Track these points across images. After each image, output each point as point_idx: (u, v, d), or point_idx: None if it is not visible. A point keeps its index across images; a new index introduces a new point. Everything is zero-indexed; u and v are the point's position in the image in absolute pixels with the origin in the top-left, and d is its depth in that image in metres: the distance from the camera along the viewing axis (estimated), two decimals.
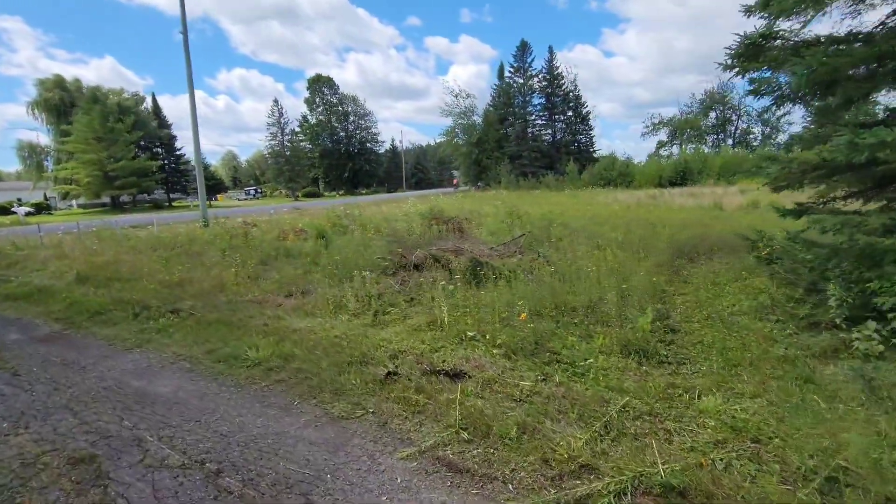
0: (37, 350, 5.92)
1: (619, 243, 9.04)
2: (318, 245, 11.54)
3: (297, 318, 6.46)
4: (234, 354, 5.28)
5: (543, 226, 12.47)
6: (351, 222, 14.99)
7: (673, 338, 5.10)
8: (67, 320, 7.17)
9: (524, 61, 57.45)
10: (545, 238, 10.09)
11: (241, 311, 6.94)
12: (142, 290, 8.32)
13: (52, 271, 10.46)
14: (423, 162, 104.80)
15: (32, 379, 4.86)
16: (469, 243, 9.32)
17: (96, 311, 7.34)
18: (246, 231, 13.88)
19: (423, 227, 12.69)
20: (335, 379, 4.50)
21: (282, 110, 69.66)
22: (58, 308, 7.77)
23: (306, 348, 5.27)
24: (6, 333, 6.71)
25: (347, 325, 6.04)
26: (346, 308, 6.70)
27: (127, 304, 7.55)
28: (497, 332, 5.11)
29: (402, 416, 3.84)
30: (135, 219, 28.54)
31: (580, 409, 3.65)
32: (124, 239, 15.06)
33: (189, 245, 13.08)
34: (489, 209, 18.00)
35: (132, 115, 51.97)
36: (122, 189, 50.61)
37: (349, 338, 5.51)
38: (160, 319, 6.80)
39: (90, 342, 6.18)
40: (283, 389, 4.48)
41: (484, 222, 13.81)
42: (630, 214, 16.06)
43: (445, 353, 4.84)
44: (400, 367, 4.60)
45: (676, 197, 27.43)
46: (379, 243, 11.02)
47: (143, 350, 5.76)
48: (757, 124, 56.22)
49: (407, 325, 5.87)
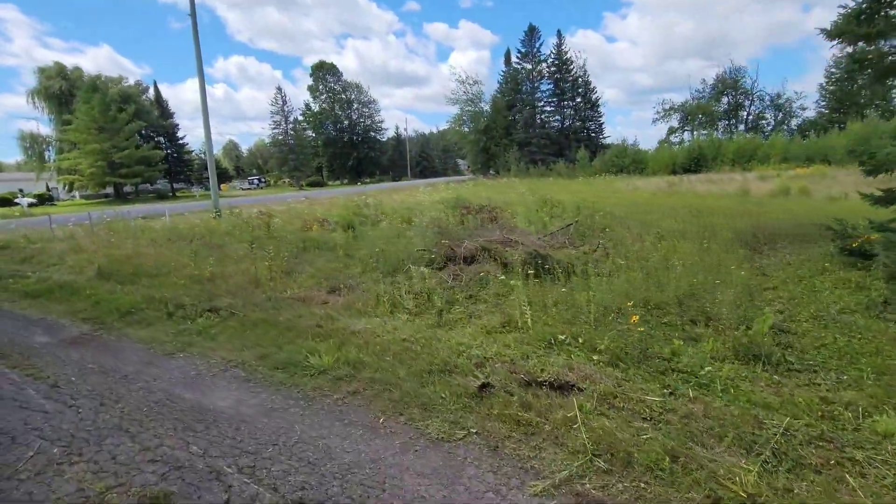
0: (69, 355, 5.37)
1: (677, 233, 8.45)
2: (348, 236, 10.97)
3: (351, 318, 5.90)
4: (292, 360, 4.73)
5: (583, 214, 11.89)
6: (375, 212, 14.40)
7: (788, 340, 4.53)
8: (96, 320, 6.62)
9: (532, 46, 56.32)
10: (592, 227, 9.51)
11: (286, 309, 6.39)
12: (171, 287, 7.76)
13: (70, 266, 9.90)
14: (427, 150, 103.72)
15: (74, 391, 4.32)
16: (515, 234, 8.74)
17: (127, 311, 6.79)
18: (267, 222, 13.28)
19: (456, 217, 12.09)
20: (419, 391, 3.96)
21: (285, 98, 68.66)
22: (83, 307, 7.23)
23: (374, 354, 4.72)
24: (32, 335, 6.17)
25: (410, 326, 5.48)
26: (403, 306, 6.14)
27: (158, 302, 7.00)
28: (592, 335, 4.55)
29: (514, 439, 3.30)
30: (144, 209, 27.93)
31: (732, 431, 3.10)
32: (139, 231, 14.48)
33: (210, 237, 12.50)
34: (514, 197, 17.37)
35: (134, 104, 51.06)
36: (125, 179, 49.93)
37: (419, 341, 4.95)
38: (198, 319, 6.25)
39: (126, 346, 5.64)
40: (360, 404, 3.93)
41: (515, 211, 13.20)
42: (662, 202, 15.45)
43: (538, 361, 4.28)
44: (491, 377, 4.05)
45: (696, 184, 26.76)
46: (412, 234, 10.45)
47: (186, 355, 5.21)
48: (770, 110, 55.26)
49: (477, 325, 5.32)
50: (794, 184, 20.99)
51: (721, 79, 55.87)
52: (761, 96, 55.12)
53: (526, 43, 56.73)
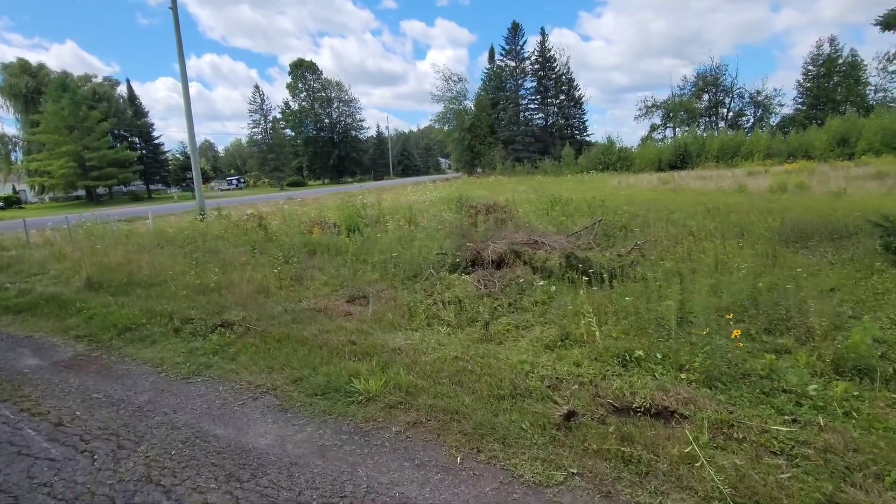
0: (67, 382, 4.70)
1: (708, 232, 8.10)
2: (354, 240, 10.36)
3: (385, 332, 5.34)
4: (332, 385, 4.17)
5: (599, 213, 11.50)
6: (376, 213, 13.78)
7: (884, 351, 4.15)
8: (91, 338, 5.93)
9: (516, 44, 56.06)
10: (616, 227, 9.11)
11: (308, 322, 5.79)
12: (171, 298, 7.08)
13: (54, 276, 9.08)
14: (409, 149, 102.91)
15: (83, 430, 3.68)
16: (537, 235, 8.27)
17: (125, 326, 6.10)
18: (264, 224, 12.56)
19: (464, 218, 11.57)
20: (493, 421, 3.45)
21: (264, 96, 67.06)
22: (75, 322, 6.50)
23: (426, 375, 4.19)
24: (20, 358, 5.45)
25: (455, 340, 4.95)
26: (439, 317, 5.61)
27: (160, 315, 6.33)
28: (673, 350, 4.10)
29: (626, 481, 2.81)
30: (122, 212, 26.70)
31: (892, 468, 2.67)
32: (123, 235, 13.59)
33: (202, 241, 11.74)
34: (514, 196, 16.92)
35: (107, 103, 49.16)
36: (98, 181, 48.08)
37: (472, 359, 4.43)
38: (211, 336, 5.62)
39: (131, 369, 4.98)
40: (427, 438, 3.40)
41: (524, 210, 12.75)
42: (668, 199, 15.18)
43: (621, 382, 3.80)
44: (572, 403, 3.56)
45: (688, 180, 26.76)
46: (423, 236, 9.90)
47: (205, 379, 4.59)
48: (749, 107, 56.11)
49: (530, 339, 4.82)
50: (787, 180, 21.03)
51: (702, 76, 56.56)
52: (741, 93, 55.99)
53: (510, 40, 56.49)
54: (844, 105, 51.61)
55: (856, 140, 39.42)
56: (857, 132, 39.93)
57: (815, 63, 53.76)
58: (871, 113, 45.03)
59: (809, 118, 51.35)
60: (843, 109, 50.40)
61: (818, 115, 51.20)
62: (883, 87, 51.27)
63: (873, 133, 38.44)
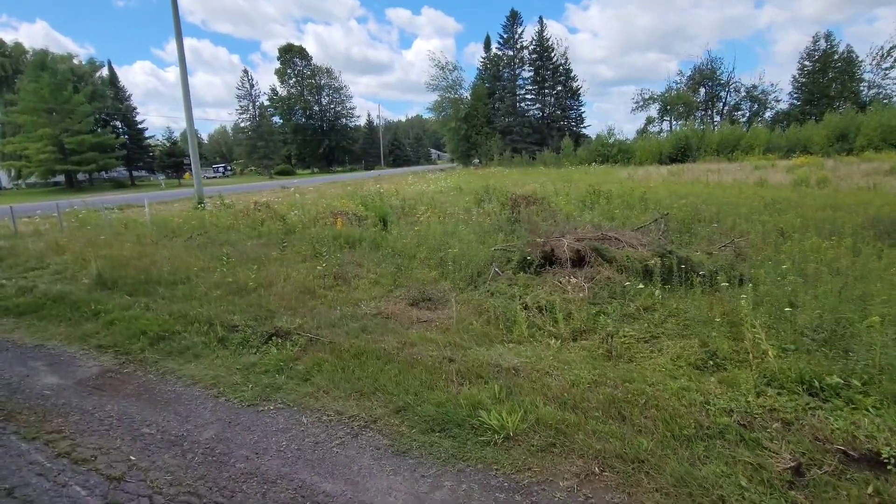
0: (103, 409, 3.79)
1: (796, 227, 7.41)
2: (392, 233, 9.47)
3: (482, 346, 4.51)
4: (448, 417, 3.35)
5: (641, 206, 10.78)
6: (400, 202, 12.88)
7: None
8: (118, 349, 4.99)
9: (514, 32, 54.95)
10: (682, 221, 8.37)
11: (380, 331, 4.94)
12: (203, 300, 6.14)
13: (55, 271, 8.03)
14: (399, 138, 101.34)
15: (149, 487, 2.80)
16: (605, 230, 7.49)
17: (157, 335, 5.17)
18: (281, 214, 11.57)
19: (503, 209, 10.76)
20: (695, 474, 2.66)
21: (252, 81, 64.95)
22: (93, 328, 5.54)
23: (570, 406, 3.38)
24: (36, 375, 4.51)
25: (575, 357, 4.15)
26: (536, 325, 4.79)
27: (196, 321, 5.41)
28: (871, 374, 3.35)
29: None
30: (109, 199, 25.23)
31: None
32: (122, 224, 12.47)
33: (216, 233, 10.73)
34: (537, 187, 16.11)
35: (90, 85, 46.95)
36: (80, 166, 45.95)
37: (617, 385, 3.63)
38: (266, 349, 4.74)
39: (180, 391, 4.09)
40: (614, 498, 2.60)
41: (558, 203, 11.96)
42: (703, 191, 14.52)
43: (834, 420, 3.03)
44: (789, 449, 2.79)
45: (699, 173, 26.26)
46: (467, 230, 9.07)
47: (279, 406, 3.73)
48: (745, 101, 56.01)
49: (671, 356, 4.03)
50: (806, 174, 20.64)
51: (698, 69, 56.23)
52: (737, 87, 55.84)
53: (507, 29, 55.35)
54: (839, 101, 51.76)
55: (854, 136, 39.48)
56: (856, 128, 40.00)
57: (810, 58, 53.79)
58: (865, 109, 45.23)
59: (805, 113, 51.39)
60: (837, 105, 50.55)
61: (813, 111, 51.27)
62: (876, 83, 51.51)
63: (872, 129, 38.51)
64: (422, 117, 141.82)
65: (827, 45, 52.76)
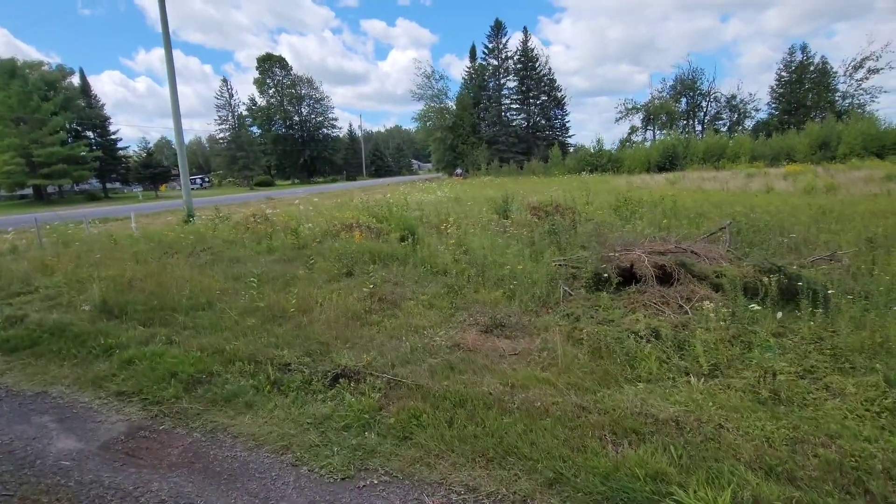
0: (146, 486, 2.89)
1: (879, 237, 6.88)
2: (422, 247, 8.65)
3: (608, 387, 3.73)
4: (630, 496, 2.56)
5: (672, 214, 10.22)
6: (420, 212, 12.06)
7: None
8: (145, 397, 4.05)
9: (499, 42, 54.98)
10: (746, 230, 7.79)
11: (470, 369, 4.12)
12: (235, 330, 5.22)
13: (46, 295, 6.95)
14: (381, 149, 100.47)
15: None
16: (673, 241, 6.83)
17: (192, 377, 4.25)
18: (293, 227, 10.62)
19: (531, 219, 10.05)
20: None
21: (231, 91, 63.40)
22: (108, 369, 4.57)
23: (786, 478, 2.62)
24: (45, 436, 3.55)
25: (736, 402, 3.39)
26: (663, 361, 4.04)
27: (237, 359, 4.50)
28: None
29: None
30: (85, 213, 23.65)
31: None
32: (108, 240, 11.31)
33: (220, 248, 9.73)
34: (549, 195, 15.48)
35: (61, 93, 44.90)
36: (50, 179, 43.78)
37: (830, 443, 2.88)
38: (334, 393, 3.87)
39: (243, 457, 3.19)
40: None
41: (588, 212, 11.33)
42: (730, 199, 14.11)
43: None
44: None
45: (696, 181, 26.13)
46: (506, 243, 8.33)
47: (384, 481, 2.88)
48: (725, 110, 57.08)
49: (861, 399, 3.31)
50: (807, 181, 20.60)
51: (680, 80, 57.15)
52: (717, 97, 56.88)
53: (492, 38, 55.35)
54: (815, 111, 53.14)
55: (836, 144, 40.32)
56: (837, 137, 40.88)
57: (787, 69, 55.18)
58: (841, 118, 46.48)
59: (783, 123, 52.60)
60: (814, 115, 51.88)
61: (791, 120, 52.51)
62: (850, 93, 53.05)
63: (853, 137, 39.40)
64: (401, 128, 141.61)
65: (803, 56, 54.26)
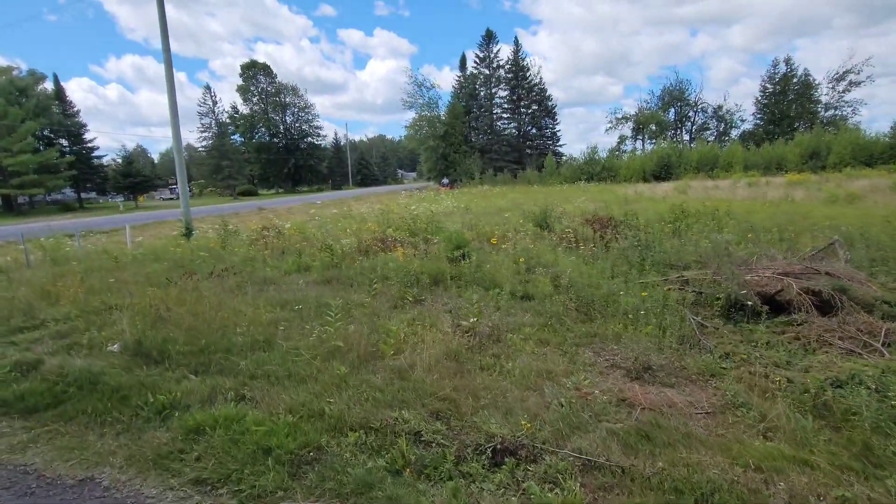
0: None
1: None
2: (481, 266, 7.69)
3: (843, 472, 2.83)
4: None
5: (731, 226, 9.52)
6: (463, 225, 11.10)
7: None
8: (238, 486, 2.98)
9: (490, 51, 54.65)
10: None
11: (677, 444, 3.17)
12: (319, 380, 4.17)
13: (57, 332, 5.72)
14: (367, 158, 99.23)
15: None
16: (800, 262, 6.03)
17: (292, 453, 3.21)
18: (327, 243, 9.53)
19: (588, 234, 9.20)
20: None
21: (215, 98, 61.59)
22: (169, 442, 3.47)
23: None
24: None
25: None
26: None
27: (345, 426, 3.47)
28: None
29: None
30: (62, 225, 21.93)
31: None
32: (109, 258, 10.01)
33: (243, 268, 8.59)
34: (570, 207, 14.72)
35: (33, 98, 42.70)
36: (20, 189, 41.49)
37: None
38: (517, 480, 2.88)
39: None
40: None
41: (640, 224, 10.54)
42: (769, 210, 13.53)
43: None
44: None
45: (703, 190, 25.81)
46: (578, 261, 7.44)
47: None
48: (712, 120, 57.73)
49: None
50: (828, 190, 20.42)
51: (668, 90, 57.68)
52: (704, 108, 57.53)
53: (483, 48, 55.01)
54: (799, 121, 54.13)
55: (826, 154, 40.88)
56: (826, 146, 41.48)
57: (771, 81, 56.14)
58: (824, 129, 47.41)
59: (769, 133, 53.37)
60: (797, 125, 52.83)
61: (776, 130, 53.32)
62: (833, 104, 54.16)
63: (843, 147, 40.00)
64: (385, 137, 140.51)
65: (787, 68, 55.28)
